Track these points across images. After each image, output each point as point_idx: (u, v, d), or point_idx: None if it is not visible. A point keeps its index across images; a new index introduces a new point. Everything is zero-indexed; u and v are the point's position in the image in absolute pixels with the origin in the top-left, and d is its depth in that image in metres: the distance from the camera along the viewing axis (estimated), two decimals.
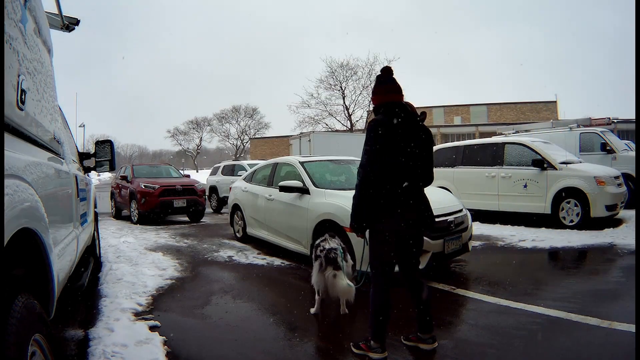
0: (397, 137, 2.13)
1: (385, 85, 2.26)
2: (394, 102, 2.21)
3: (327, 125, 30.82)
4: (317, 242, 3.08)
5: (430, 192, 4.72)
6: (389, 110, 2.19)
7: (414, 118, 2.21)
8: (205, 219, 9.13)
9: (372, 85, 2.37)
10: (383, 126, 2.13)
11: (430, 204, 2.33)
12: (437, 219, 3.59)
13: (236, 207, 6.12)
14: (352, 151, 8.70)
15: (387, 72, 2.31)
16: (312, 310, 2.99)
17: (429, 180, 2.28)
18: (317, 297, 2.97)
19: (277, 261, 4.69)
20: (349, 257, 3.10)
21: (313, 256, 3.03)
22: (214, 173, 11.95)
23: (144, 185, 8.36)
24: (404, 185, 2.15)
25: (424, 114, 2.29)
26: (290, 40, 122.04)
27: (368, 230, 2.24)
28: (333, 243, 2.95)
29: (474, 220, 4.76)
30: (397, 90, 2.25)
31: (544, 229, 6.00)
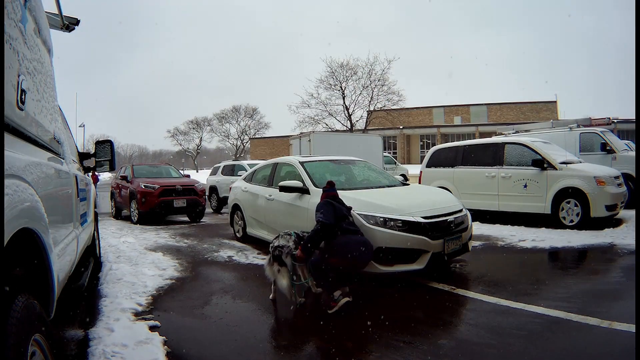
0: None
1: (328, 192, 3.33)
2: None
3: (327, 125, 30.84)
4: (272, 239, 3.37)
5: (430, 192, 4.81)
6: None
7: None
8: (205, 219, 9.13)
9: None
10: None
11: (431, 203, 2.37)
12: (437, 219, 3.63)
13: (236, 207, 6.11)
14: (352, 151, 8.68)
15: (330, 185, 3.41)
16: (270, 297, 3.28)
17: None
18: (272, 286, 3.26)
19: None
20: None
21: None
22: (214, 173, 11.93)
23: (144, 185, 8.35)
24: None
25: None
26: (291, 41, 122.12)
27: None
28: (283, 241, 3.18)
29: (474, 220, 4.76)
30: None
31: (544, 229, 6.00)
